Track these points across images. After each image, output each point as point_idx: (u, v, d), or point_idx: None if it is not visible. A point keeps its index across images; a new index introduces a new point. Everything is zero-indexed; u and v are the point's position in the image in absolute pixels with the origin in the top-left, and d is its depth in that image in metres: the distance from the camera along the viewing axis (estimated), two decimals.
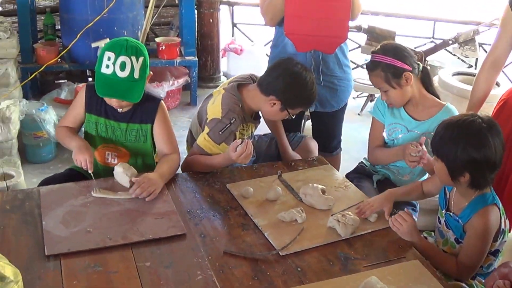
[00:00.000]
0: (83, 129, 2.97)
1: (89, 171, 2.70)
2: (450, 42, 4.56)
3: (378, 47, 3.01)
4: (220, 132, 2.87)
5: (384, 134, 3.17)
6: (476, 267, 2.46)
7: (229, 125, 2.88)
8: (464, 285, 2.49)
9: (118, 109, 2.82)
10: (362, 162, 3.33)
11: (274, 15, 3.37)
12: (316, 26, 3.30)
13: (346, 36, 3.39)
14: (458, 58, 6.18)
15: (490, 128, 2.34)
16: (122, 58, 2.66)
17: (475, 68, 6.35)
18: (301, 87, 2.96)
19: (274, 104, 2.96)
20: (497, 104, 3.06)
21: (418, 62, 3.00)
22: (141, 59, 2.70)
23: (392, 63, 2.90)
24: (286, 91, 2.94)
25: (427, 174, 3.02)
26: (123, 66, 2.66)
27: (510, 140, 2.85)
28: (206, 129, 2.92)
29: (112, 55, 2.66)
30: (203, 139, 2.92)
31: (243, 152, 2.71)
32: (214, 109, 2.97)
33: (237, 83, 3.06)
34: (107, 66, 2.67)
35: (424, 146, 2.76)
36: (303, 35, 3.35)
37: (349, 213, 2.52)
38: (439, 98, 3.07)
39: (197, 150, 2.94)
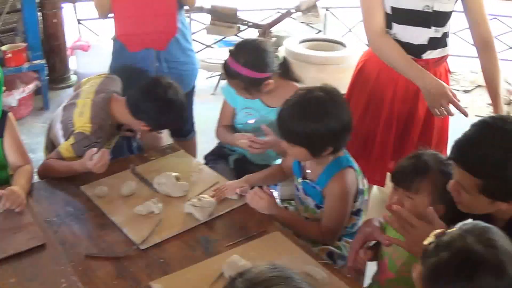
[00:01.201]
0: None
1: None
2: (293, 11, 4.60)
3: (234, 49, 2.91)
4: (84, 148, 2.74)
5: (238, 117, 3.14)
6: (339, 229, 2.50)
7: (95, 143, 2.76)
8: (331, 247, 2.52)
9: None
10: (219, 142, 3.29)
11: (103, 10, 3.30)
12: (144, 24, 3.26)
13: (175, 29, 3.34)
14: (307, 25, 6.28)
15: (330, 96, 2.36)
16: None
17: (324, 33, 6.51)
18: (174, 114, 2.89)
19: (145, 126, 2.89)
20: (355, 68, 3.05)
21: (278, 56, 2.95)
22: None
23: (252, 76, 2.84)
24: (158, 119, 2.86)
25: None
26: None
27: (372, 103, 2.90)
28: (71, 140, 2.78)
29: None
30: (65, 149, 2.78)
31: (99, 162, 2.61)
32: (82, 122, 2.83)
33: (108, 95, 2.95)
34: None
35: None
36: (133, 35, 3.31)
37: (205, 196, 2.49)
38: (298, 81, 3.04)
39: (56, 156, 2.81)
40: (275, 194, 2.94)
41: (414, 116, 2.86)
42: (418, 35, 2.73)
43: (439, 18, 2.71)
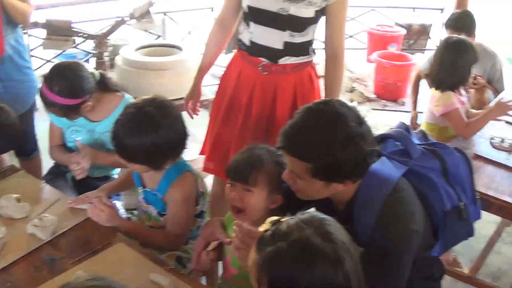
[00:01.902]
0: None
1: None
2: (127, 18, 4.57)
3: (48, 77, 2.81)
4: None
5: (66, 136, 3.11)
6: (184, 234, 2.54)
7: None
8: (179, 252, 2.56)
9: None
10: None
11: None
12: None
13: (2, 50, 3.24)
14: (146, 31, 6.26)
15: (160, 110, 2.38)
16: None
17: (164, 38, 6.52)
18: (6, 138, 2.82)
19: None
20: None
21: (94, 74, 2.92)
22: None
23: (68, 103, 2.80)
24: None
25: None
26: None
27: (232, 108, 2.96)
28: None
29: None
30: None
31: None
32: None
33: None
34: None
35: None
36: None
37: (46, 215, 2.45)
38: (120, 91, 3.03)
39: None
40: (119, 204, 2.94)
41: (274, 119, 2.89)
42: (273, 37, 2.77)
43: (296, 23, 2.74)
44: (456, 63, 3.41)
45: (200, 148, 3.24)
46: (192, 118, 3.17)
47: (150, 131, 2.33)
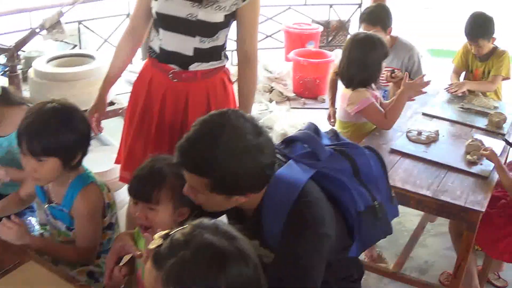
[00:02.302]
0: None
1: None
2: (38, 30, 4.48)
3: None
4: None
5: None
6: (94, 248, 2.49)
7: None
8: (91, 267, 2.51)
9: None
10: None
11: None
12: None
13: None
14: (62, 41, 6.15)
15: (64, 107, 2.36)
16: None
17: (80, 48, 6.42)
18: None
19: None
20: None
21: None
22: None
23: None
24: None
25: None
26: None
27: (145, 115, 2.91)
28: None
29: None
30: None
31: None
32: None
33: None
34: None
35: None
36: None
37: None
38: (24, 103, 2.93)
39: None
40: (34, 220, 2.89)
41: (187, 127, 2.82)
42: (183, 44, 2.74)
43: (205, 28, 2.71)
44: (364, 60, 3.40)
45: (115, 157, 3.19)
46: (96, 134, 3.10)
47: (62, 119, 2.31)
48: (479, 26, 4.36)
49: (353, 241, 2.15)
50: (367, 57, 3.41)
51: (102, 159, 3.76)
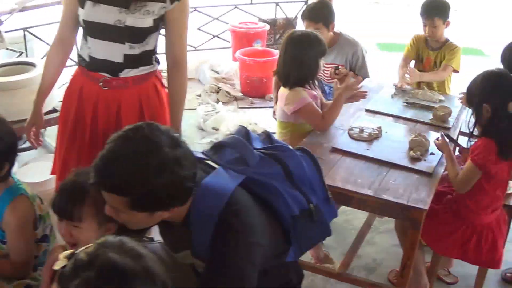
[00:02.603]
0: None
1: None
2: None
3: None
4: None
5: None
6: (29, 260, 2.43)
7: None
8: (28, 280, 2.44)
9: None
10: None
11: None
12: None
13: None
14: (7, 49, 6.00)
15: None
16: None
17: (27, 56, 6.26)
18: None
19: None
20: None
21: None
22: None
23: None
24: None
25: None
26: None
27: (79, 123, 2.83)
28: None
29: None
30: None
31: None
32: None
33: None
34: None
35: None
36: None
37: None
38: None
39: None
40: None
41: None
42: (112, 51, 2.68)
43: (134, 34, 2.66)
44: (301, 58, 3.35)
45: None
46: (36, 148, 3.05)
47: None
48: (437, 6, 4.31)
49: (290, 245, 2.11)
50: (303, 55, 3.35)
51: (47, 167, 3.65)
